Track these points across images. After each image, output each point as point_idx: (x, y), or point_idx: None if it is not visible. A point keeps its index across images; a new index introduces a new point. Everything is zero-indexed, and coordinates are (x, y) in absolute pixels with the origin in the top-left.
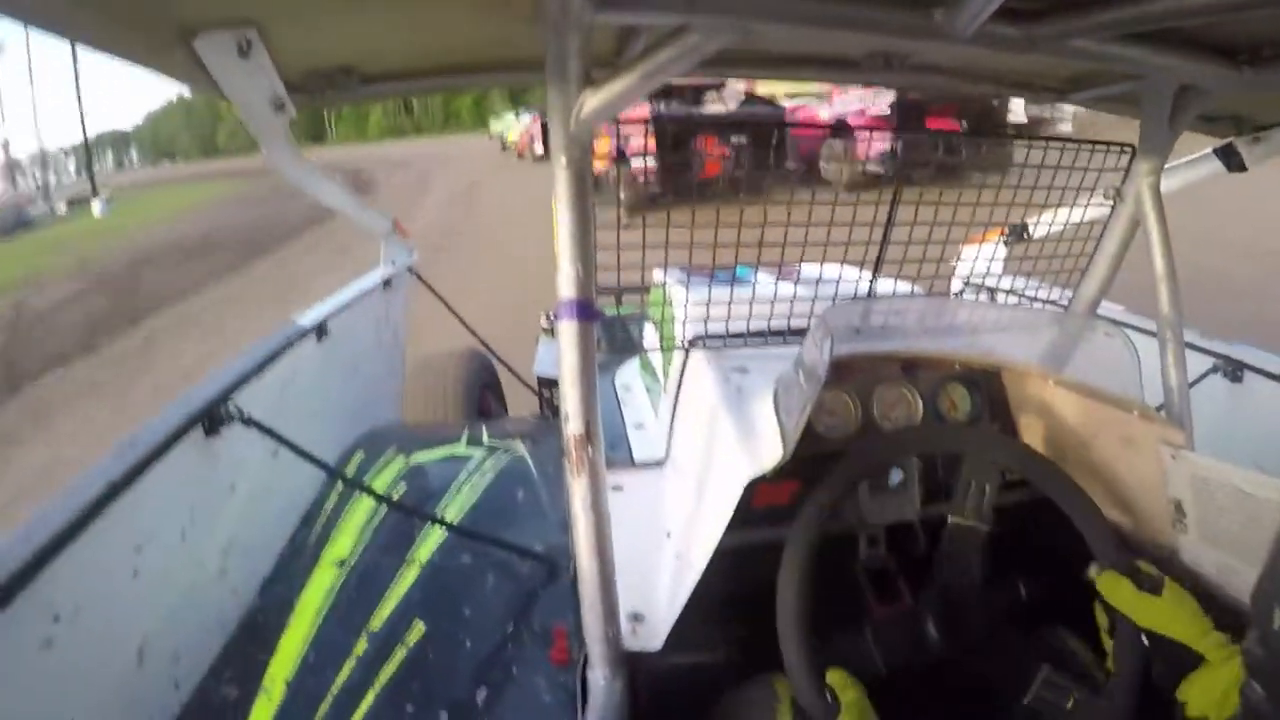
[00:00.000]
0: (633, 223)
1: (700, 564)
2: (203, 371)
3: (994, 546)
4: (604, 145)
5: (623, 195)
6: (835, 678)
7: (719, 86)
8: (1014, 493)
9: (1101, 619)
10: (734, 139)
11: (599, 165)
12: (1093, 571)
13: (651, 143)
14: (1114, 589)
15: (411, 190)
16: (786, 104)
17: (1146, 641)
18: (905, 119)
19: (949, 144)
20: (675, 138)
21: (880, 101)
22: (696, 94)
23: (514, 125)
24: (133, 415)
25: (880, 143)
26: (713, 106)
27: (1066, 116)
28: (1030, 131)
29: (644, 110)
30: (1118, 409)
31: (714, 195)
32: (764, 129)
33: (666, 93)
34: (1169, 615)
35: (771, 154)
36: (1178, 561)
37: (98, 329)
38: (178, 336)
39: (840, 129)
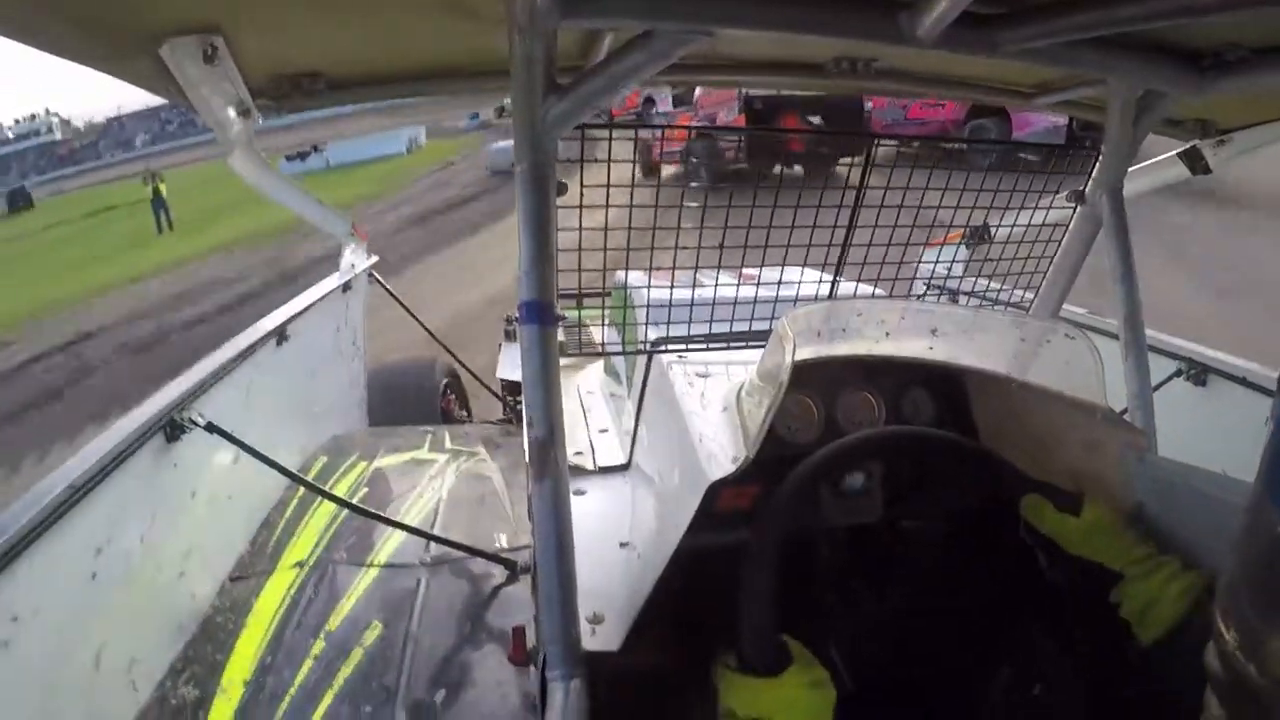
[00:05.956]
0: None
1: (660, 566)
2: None
3: (954, 549)
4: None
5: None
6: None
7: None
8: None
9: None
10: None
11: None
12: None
13: None
14: (1036, 511)
15: None
16: None
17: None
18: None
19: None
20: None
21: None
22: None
23: None
24: None
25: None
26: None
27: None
28: None
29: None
30: (1080, 413)
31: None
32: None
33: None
34: (1085, 535)
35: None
36: None
37: None
38: None
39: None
